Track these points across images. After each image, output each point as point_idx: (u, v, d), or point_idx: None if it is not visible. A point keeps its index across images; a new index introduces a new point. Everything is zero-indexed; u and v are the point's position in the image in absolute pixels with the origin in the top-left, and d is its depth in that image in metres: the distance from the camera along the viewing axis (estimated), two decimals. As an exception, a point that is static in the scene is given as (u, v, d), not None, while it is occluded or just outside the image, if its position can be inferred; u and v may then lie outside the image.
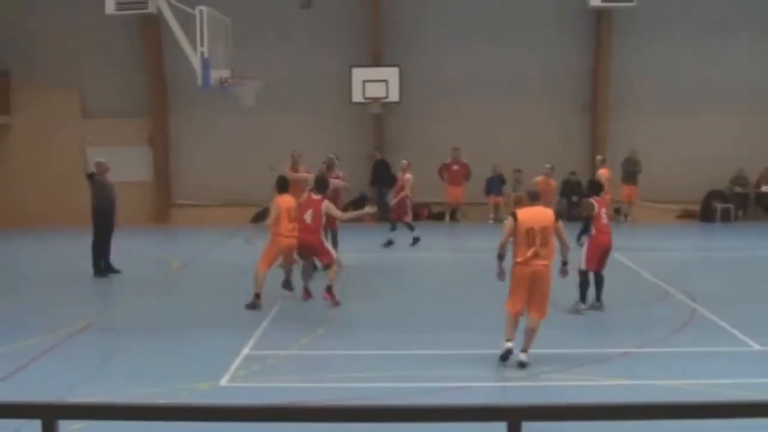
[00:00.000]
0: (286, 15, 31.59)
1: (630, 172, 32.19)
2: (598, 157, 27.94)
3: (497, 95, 32.47)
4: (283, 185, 18.09)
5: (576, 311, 16.47)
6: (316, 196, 17.51)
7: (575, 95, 33.34)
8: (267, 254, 17.47)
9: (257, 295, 17.08)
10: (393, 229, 25.10)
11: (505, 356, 12.82)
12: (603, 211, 16.84)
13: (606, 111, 33.04)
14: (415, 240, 25.20)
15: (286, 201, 17.57)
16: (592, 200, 16.93)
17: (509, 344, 12.80)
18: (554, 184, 27.32)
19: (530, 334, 12.91)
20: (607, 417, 4.73)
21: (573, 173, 32.75)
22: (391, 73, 31.25)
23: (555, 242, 13.06)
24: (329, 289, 17.23)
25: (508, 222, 13.00)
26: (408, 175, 25.16)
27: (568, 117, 33.34)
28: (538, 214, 12.92)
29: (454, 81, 32.33)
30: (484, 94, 32.43)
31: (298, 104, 32.01)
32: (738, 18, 32.47)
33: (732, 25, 32.45)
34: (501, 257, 13.07)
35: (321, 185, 17.89)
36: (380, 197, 31.12)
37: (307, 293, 17.80)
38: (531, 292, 12.86)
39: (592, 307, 16.74)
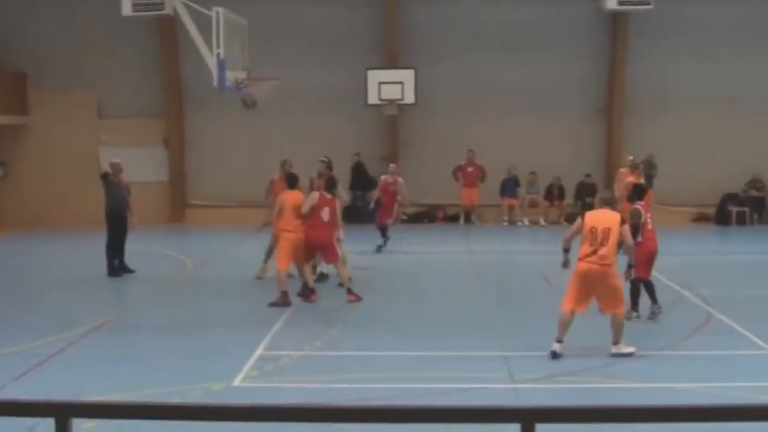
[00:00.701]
0: (303, 17, 31.73)
1: (647, 176, 32.10)
2: (630, 158, 26.80)
3: (511, 98, 32.47)
4: (292, 181, 18.19)
5: (628, 319, 15.97)
6: (329, 195, 17.60)
7: (590, 99, 33.33)
8: (281, 253, 17.53)
9: (284, 293, 17.21)
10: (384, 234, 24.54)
11: (554, 356, 13.26)
12: (648, 216, 16.45)
13: (621, 115, 33.03)
14: (379, 247, 24.37)
15: (294, 197, 17.66)
16: (638, 206, 16.42)
17: (557, 346, 13.25)
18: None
19: (614, 328, 13.52)
20: (622, 419, 4.70)
21: (588, 175, 32.70)
22: (407, 76, 31.25)
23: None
24: (350, 291, 17.50)
25: (577, 221, 13.91)
26: (400, 179, 25.05)
27: (583, 120, 33.34)
28: (603, 216, 13.51)
29: (470, 84, 32.36)
30: (498, 97, 32.44)
31: (313, 106, 32.04)
32: (755, 23, 32.45)
33: (748, 31, 32.42)
34: (566, 250, 14.04)
35: (331, 185, 17.99)
36: (356, 200, 30.85)
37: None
38: (594, 289, 13.43)
39: (653, 314, 16.21)
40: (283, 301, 17.03)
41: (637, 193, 16.97)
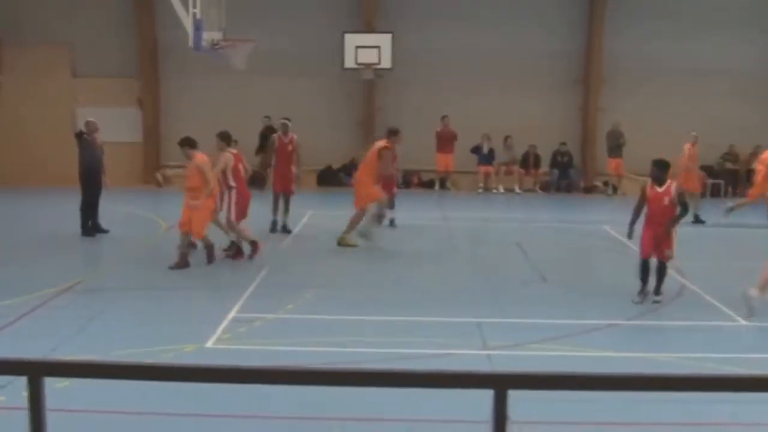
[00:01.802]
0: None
1: (614, 146, 32.24)
2: (693, 133, 26.28)
3: (488, 67, 32.57)
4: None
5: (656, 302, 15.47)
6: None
7: (567, 70, 33.41)
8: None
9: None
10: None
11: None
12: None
13: (598, 85, 33.13)
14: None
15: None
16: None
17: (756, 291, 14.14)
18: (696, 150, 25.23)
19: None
20: (592, 387, 4.74)
21: (563, 144, 32.87)
22: (384, 40, 31.14)
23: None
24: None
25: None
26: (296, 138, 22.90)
27: (560, 91, 33.42)
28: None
29: (447, 52, 32.36)
30: (475, 65, 32.49)
31: (289, 69, 31.94)
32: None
33: (725, 7, 32.57)
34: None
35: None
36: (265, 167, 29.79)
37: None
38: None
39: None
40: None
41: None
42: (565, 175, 33.14)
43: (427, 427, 9.14)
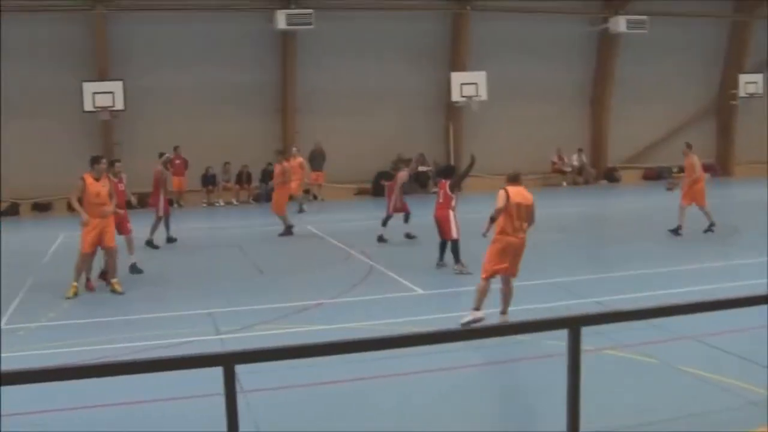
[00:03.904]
0: (20, 34, 30.03)
1: (317, 161, 32.81)
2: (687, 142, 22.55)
3: (205, 102, 32.30)
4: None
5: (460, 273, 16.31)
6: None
7: (267, 101, 33.58)
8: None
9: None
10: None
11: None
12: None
13: (293, 114, 33.50)
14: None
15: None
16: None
17: (482, 313, 11.75)
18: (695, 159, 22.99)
19: (508, 297, 12.04)
20: (304, 355, 4.84)
21: (270, 163, 33.04)
22: (117, 86, 30.37)
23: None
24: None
25: (502, 194, 11.83)
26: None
27: (264, 118, 33.60)
28: (521, 193, 11.92)
29: (172, 90, 31.84)
30: (195, 100, 32.19)
31: (34, 114, 30.40)
32: (399, 35, 33.76)
33: (394, 41, 33.72)
34: (493, 220, 11.93)
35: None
36: None
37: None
38: (512, 260, 11.86)
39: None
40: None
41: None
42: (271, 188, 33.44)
43: (171, 404, 9.00)
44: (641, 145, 38.03)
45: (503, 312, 12.03)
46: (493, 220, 11.93)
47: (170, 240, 21.73)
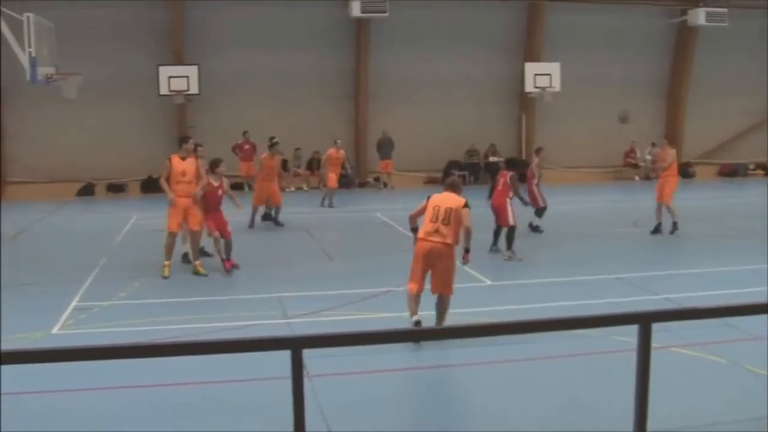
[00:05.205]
0: (103, 19, 30.67)
1: (385, 149, 32.83)
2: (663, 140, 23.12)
3: (277, 88, 32.53)
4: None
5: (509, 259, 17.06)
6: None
7: (338, 88, 33.68)
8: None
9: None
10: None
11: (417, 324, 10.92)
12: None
13: (366, 101, 33.56)
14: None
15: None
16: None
17: (416, 317, 11.01)
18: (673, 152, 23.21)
19: (439, 309, 11.28)
20: (371, 342, 4.84)
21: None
22: (192, 70, 30.79)
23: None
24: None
25: (423, 201, 11.45)
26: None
27: (335, 105, 33.70)
28: (447, 197, 11.32)
29: (244, 76, 32.14)
30: (267, 86, 32.41)
31: (113, 96, 31.09)
32: (466, 27, 33.57)
33: (460, 30, 33.54)
34: (414, 230, 11.59)
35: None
36: None
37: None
38: (432, 268, 11.19)
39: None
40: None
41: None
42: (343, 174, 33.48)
43: (239, 386, 9.10)
44: (717, 140, 37.27)
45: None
46: (412, 229, 11.60)
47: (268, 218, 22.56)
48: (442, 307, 11.23)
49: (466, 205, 11.19)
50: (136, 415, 8.42)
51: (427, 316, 11.13)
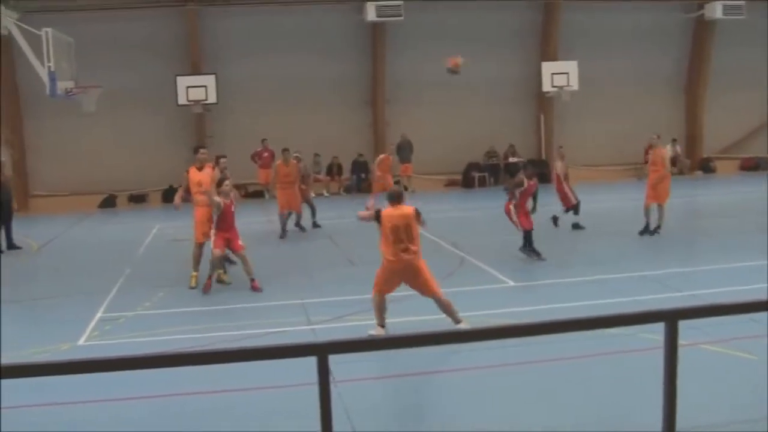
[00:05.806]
0: (120, 31, 30.89)
1: (405, 153, 32.81)
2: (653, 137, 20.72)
3: (295, 95, 32.60)
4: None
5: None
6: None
7: (357, 93, 33.71)
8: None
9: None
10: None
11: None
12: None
13: (383, 105, 33.57)
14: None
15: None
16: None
17: (381, 329, 11.35)
18: (664, 152, 20.74)
19: (443, 309, 11.39)
20: (398, 346, 4.83)
21: (360, 155, 33.20)
22: (209, 80, 30.89)
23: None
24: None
25: (377, 222, 11.35)
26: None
27: (353, 109, 33.74)
28: (399, 213, 11.20)
29: (261, 84, 32.25)
30: (284, 93, 32.51)
31: (131, 108, 31.27)
32: (481, 28, 33.52)
33: (480, 33, 33.44)
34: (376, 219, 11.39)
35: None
36: None
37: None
38: (410, 282, 11.38)
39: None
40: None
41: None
42: (363, 179, 33.50)
43: (264, 393, 9.11)
44: (737, 134, 37.03)
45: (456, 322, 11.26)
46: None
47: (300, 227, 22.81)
48: (444, 308, 11.37)
49: (416, 212, 11.25)
50: (164, 423, 8.43)
51: (432, 320, 11.12)
